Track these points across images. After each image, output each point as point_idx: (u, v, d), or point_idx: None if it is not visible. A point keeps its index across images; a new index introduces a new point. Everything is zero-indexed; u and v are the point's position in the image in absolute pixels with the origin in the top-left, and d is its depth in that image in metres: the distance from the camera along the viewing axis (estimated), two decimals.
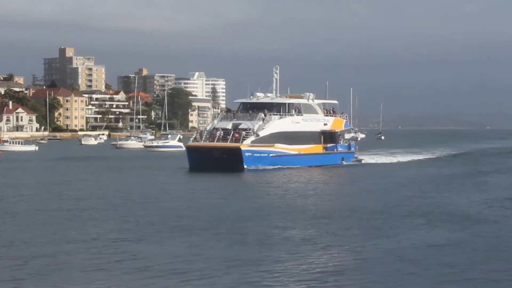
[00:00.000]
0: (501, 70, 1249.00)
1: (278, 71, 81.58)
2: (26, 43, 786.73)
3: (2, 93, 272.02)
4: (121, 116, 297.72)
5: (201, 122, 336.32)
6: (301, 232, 30.82)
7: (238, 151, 70.45)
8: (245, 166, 70.01)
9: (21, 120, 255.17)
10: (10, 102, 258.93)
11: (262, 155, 72.17)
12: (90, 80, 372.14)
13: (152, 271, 22.65)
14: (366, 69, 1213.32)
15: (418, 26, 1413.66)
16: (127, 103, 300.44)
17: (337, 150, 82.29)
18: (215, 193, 48.58)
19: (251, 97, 79.90)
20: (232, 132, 72.29)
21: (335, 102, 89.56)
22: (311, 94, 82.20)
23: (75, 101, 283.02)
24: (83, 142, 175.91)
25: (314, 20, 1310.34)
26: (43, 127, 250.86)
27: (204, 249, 26.36)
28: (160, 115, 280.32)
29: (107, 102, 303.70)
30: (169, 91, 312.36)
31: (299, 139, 76.66)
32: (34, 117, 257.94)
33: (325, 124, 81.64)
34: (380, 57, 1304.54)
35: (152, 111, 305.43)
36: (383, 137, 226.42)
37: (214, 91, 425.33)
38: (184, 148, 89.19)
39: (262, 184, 56.45)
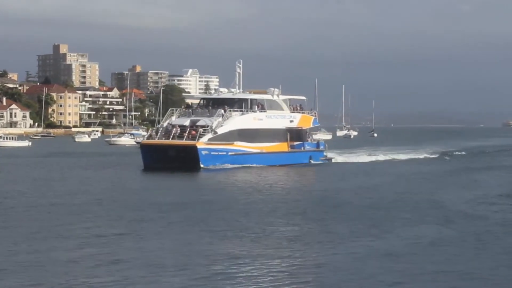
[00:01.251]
0: (493, 69, 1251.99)
1: (241, 65, 77.77)
2: (20, 39, 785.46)
3: None
4: (114, 113, 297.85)
5: None
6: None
7: (194, 149, 67.10)
8: (201, 165, 66.71)
9: (15, 116, 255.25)
10: (4, 98, 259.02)
11: (220, 153, 68.60)
12: (84, 77, 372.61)
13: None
14: (359, 67, 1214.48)
15: (412, 25, 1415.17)
16: (120, 99, 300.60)
17: (304, 149, 78.61)
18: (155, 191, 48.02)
19: (212, 92, 77.96)
20: (188, 129, 68.95)
21: (303, 98, 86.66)
22: (276, 89, 78.24)
23: (69, 97, 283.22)
24: (76, 139, 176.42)
25: (309, 19, 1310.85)
26: (36, 124, 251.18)
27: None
28: (153, 112, 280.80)
29: (100, 99, 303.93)
30: (162, 88, 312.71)
31: (261, 136, 72.90)
32: (28, 114, 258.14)
33: (291, 121, 77.81)
34: (374, 55, 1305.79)
35: (146, 108, 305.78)
36: (375, 135, 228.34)
37: (207, 88, 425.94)
38: None
39: (205, 184, 55.05)
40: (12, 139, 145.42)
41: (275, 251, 25.61)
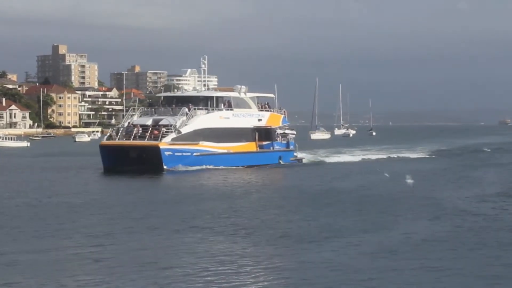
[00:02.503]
0: (491, 67, 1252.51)
1: (206, 61, 74.48)
2: (19, 40, 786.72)
3: None
4: (114, 113, 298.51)
5: None
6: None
7: (156, 150, 63.31)
8: (164, 167, 62.92)
9: (15, 117, 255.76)
10: (4, 99, 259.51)
11: (184, 154, 64.67)
12: (83, 77, 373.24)
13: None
14: (357, 65, 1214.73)
15: (409, 24, 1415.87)
16: (119, 99, 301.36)
17: (273, 149, 74.75)
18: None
19: (175, 90, 75.55)
20: (151, 129, 65.31)
21: (272, 95, 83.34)
22: (243, 86, 74.59)
23: (68, 98, 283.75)
24: (77, 139, 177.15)
25: (308, 18, 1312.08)
26: (36, 124, 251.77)
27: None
28: None
29: (100, 99, 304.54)
30: (161, 88, 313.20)
31: (228, 136, 69.25)
32: (27, 114, 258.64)
33: (259, 120, 73.88)
34: (372, 53, 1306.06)
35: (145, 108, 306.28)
36: (374, 133, 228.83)
37: (206, 88, 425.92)
38: None
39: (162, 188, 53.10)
40: (11, 139, 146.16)
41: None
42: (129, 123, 67.34)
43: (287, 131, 76.68)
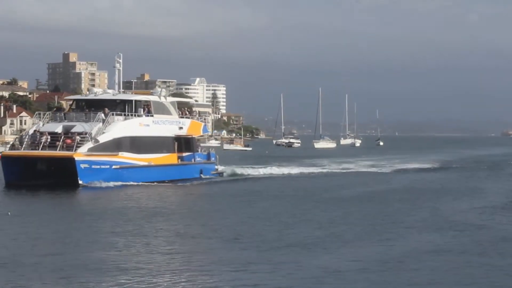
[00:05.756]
0: (498, 78, 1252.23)
1: (121, 60, 65.00)
2: (30, 48, 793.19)
3: (6, 97, 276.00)
4: None
5: None
6: None
7: (71, 162, 53.38)
8: (80, 182, 53.32)
9: (25, 123, 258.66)
10: (14, 106, 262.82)
11: (102, 167, 55.14)
12: (93, 85, 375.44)
13: None
14: (365, 75, 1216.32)
15: (419, 34, 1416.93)
16: None
17: (194, 161, 66.13)
18: None
19: (87, 92, 63.14)
20: (62, 137, 55.28)
21: (192, 100, 75.34)
22: (163, 89, 67.23)
23: None
24: None
25: (317, 28, 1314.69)
26: None
27: None
28: None
29: None
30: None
31: (149, 146, 60.12)
32: None
33: (180, 128, 64.87)
34: (380, 63, 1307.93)
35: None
36: (381, 143, 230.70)
37: (214, 97, 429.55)
38: None
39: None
40: None
41: None
42: (35, 130, 57.34)
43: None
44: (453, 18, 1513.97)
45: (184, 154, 64.87)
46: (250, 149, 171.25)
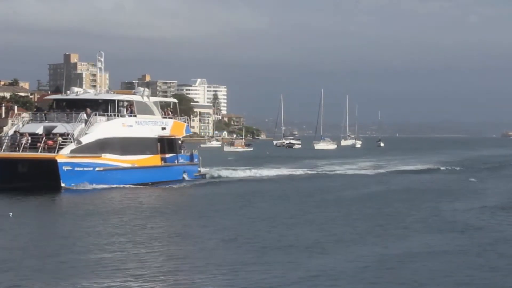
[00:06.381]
0: (499, 79, 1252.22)
1: (103, 58, 64.03)
2: (32, 49, 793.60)
3: (8, 97, 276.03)
4: None
5: (202, 128, 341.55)
6: None
7: (53, 164, 51.75)
8: (62, 185, 51.53)
9: None
10: (15, 107, 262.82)
11: (85, 169, 53.48)
12: (94, 86, 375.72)
13: None
14: (365, 76, 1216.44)
15: (419, 36, 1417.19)
16: None
17: (178, 162, 64.69)
18: None
19: (68, 92, 63.64)
20: (44, 138, 53.71)
21: (175, 100, 74.87)
22: (146, 89, 66.24)
23: None
24: None
25: (318, 29, 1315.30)
26: None
27: None
28: None
29: None
30: (170, 97, 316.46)
31: (132, 147, 58.68)
32: None
33: (163, 128, 63.62)
34: (381, 64, 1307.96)
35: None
36: (382, 144, 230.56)
37: (215, 98, 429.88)
38: None
39: None
40: None
41: None
42: (15, 131, 55.91)
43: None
44: (453, 19, 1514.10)
45: (167, 155, 63.70)
46: (251, 149, 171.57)
